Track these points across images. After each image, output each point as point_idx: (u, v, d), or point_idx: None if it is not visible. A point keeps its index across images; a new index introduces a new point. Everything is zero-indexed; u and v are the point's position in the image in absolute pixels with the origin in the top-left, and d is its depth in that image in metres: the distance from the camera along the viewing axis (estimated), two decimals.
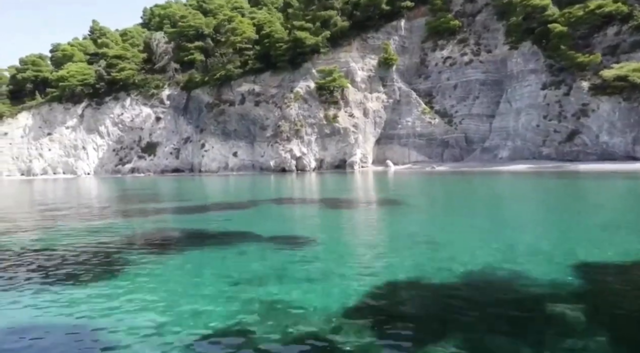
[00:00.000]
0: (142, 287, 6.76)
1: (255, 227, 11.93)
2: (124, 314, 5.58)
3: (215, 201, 21.20)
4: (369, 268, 7.44)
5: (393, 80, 61.30)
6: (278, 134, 61.19)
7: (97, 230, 12.15)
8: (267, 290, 6.34)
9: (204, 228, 12.29)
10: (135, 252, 9.18)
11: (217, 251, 9.18)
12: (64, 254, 9.11)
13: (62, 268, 7.89)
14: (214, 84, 67.81)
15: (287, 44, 61.67)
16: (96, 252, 9.25)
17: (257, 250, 9.15)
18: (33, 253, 9.43)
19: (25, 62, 77.58)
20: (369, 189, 26.23)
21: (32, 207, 20.30)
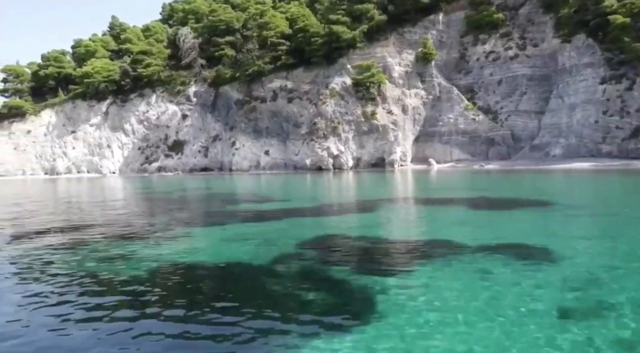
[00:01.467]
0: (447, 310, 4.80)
1: (446, 234, 9.98)
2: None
3: (325, 202, 19.05)
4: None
5: (432, 75, 59.26)
6: (314, 131, 59.21)
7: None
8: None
9: (399, 237, 10.34)
10: (395, 264, 7.25)
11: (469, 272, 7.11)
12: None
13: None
14: (244, 80, 65.81)
15: (323, 39, 59.67)
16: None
17: (508, 270, 7.02)
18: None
19: (47, 58, 75.68)
20: (459, 188, 24.17)
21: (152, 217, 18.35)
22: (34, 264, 8.14)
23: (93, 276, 7.18)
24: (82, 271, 7.48)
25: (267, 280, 6.78)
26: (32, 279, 7.15)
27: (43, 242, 10.28)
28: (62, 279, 7.01)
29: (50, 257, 8.65)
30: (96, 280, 6.98)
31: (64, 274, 7.31)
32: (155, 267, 7.69)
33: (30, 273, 7.58)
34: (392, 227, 11.78)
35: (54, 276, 7.23)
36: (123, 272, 7.36)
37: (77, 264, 7.97)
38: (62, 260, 8.36)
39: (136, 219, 14.70)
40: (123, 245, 9.68)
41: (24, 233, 11.89)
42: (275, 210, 16.18)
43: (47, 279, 7.03)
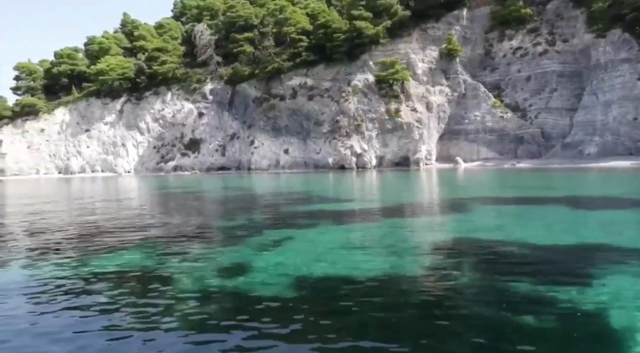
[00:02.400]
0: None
1: (593, 236, 8.64)
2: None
3: (403, 202, 17.61)
4: None
5: (457, 72, 57.93)
6: (336, 129, 57.90)
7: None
8: None
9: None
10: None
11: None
12: None
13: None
14: (263, 77, 64.50)
15: (345, 35, 58.34)
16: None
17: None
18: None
19: (60, 55, 74.40)
20: (519, 186, 22.73)
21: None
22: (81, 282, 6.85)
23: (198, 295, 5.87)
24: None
25: (428, 300, 5.33)
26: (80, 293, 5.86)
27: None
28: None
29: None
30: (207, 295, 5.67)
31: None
32: (275, 280, 6.34)
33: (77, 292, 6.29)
34: (516, 229, 10.43)
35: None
36: (244, 287, 6.05)
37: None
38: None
39: (216, 222, 13.37)
40: (234, 256, 8.37)
41: (58, 242, 10.59)
42: (355, 211, 14.86)
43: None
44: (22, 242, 10.15)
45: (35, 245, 9.56)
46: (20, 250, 9.01)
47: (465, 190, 22.79)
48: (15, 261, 8.08)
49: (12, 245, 9.74)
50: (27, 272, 7.22)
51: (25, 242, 10.11)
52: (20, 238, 10.70)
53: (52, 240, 10.03)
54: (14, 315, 5.21)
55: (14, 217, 15.59)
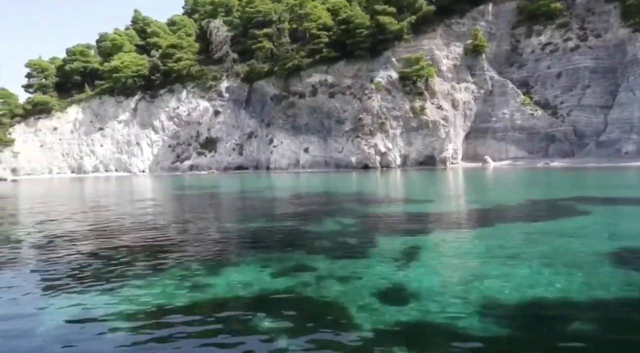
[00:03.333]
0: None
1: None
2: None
3: (499, 202, 16.00)
4: None
5: (483, 69, 56.34)
6: (359, 127, 56.32)
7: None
8: None
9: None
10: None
11: None
12: None
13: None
14: (281, 74, 62.93)
15: (368, 30, 56.73)
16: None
17: None
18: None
19: (72, 52, 72.84)
20: (578, 186, 21.14)
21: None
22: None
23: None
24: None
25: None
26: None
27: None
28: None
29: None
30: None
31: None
32: (454, 309, 4.84)
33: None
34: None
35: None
36: (420, 319, 4.55)
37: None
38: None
39: (305, 226, 11.80)
40: (366, 269, 6.83)
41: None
42: (451, 213, 13.29)
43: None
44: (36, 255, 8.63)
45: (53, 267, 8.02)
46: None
47: (544, 189, 21.16)
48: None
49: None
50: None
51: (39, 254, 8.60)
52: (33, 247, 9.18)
53: (78, 262, 8.48)
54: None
55: (32, 222, 14.07)
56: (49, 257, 8.28)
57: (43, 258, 8.24)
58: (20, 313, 5.22)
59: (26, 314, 5.16)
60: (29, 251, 9.08)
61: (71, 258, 8.06)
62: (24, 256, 8.63)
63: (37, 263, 7.81)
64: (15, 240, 10.40)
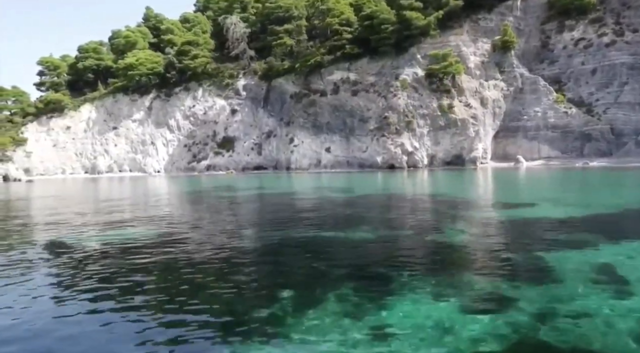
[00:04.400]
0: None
1: None
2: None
3: (604, 205, 14.28)
4: None
5: (512, 65, 54.51)
6: (384, 126, 54.53)
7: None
8: None
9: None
10: None
11: None
12: None
13: None
14: (301, 72, 61.14)
15: (394, 26, 54.91)
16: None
17: None
18: None
19: (85, 49, 71.08)
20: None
21: None
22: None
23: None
24: None
25: None
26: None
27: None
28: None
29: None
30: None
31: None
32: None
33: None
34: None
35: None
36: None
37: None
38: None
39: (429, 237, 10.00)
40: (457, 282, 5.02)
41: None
42: (589, 220, 11.45)
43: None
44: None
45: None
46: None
47: (633, 190, 19.31)
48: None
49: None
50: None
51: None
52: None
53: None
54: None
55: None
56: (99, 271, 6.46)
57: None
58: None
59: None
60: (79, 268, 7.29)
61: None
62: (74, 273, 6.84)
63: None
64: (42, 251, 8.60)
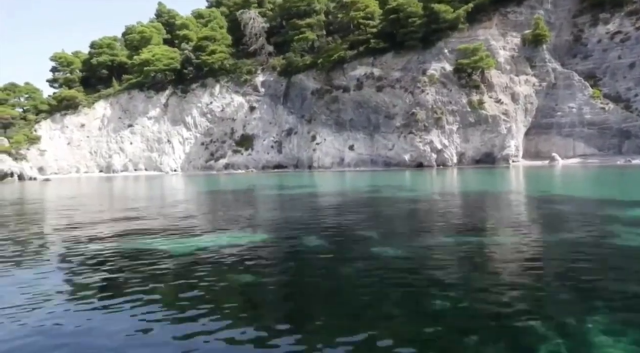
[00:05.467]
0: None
1: None
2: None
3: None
4: None
5: (545, 60, 52.64)
6: (412, 123, 52.73)
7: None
8: None
9: None
10: None
11: None
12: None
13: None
14: (323, 67, 59.35)
15: (421, 20, 53.12)
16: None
17: None
18: None
19: (99, 45, 69.34)
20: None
21: None
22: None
23: None
24: None
25: None
26: None
27: None
28: None
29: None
30: None
31: None
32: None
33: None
34: None
35: None
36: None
37: None
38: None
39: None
40: None
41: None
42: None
43: None
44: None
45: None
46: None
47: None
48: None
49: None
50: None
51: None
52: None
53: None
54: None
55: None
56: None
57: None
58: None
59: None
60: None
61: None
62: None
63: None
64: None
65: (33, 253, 7.98)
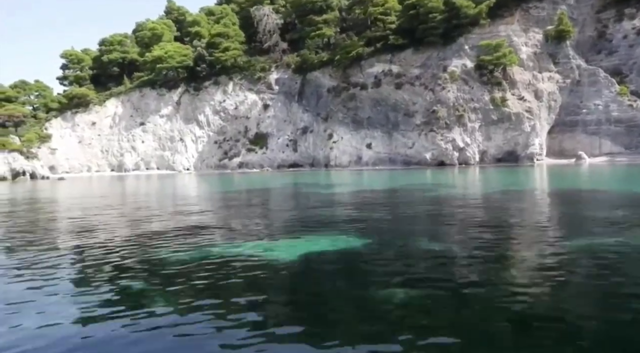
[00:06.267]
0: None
1: None
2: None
3: None
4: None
5: (568, 56, 51.47)
6: (432, 121, 51.56)
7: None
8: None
9: None
10: None
11: None
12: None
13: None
14: (339, 65, 58.19)
15: (442, 15, 51.97)
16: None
17: None
18: None
19: (110, 42, 68.15)
20: None
21: None
22: None
23: None
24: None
25: None
26: None
27: None
28: None
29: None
30: None
31: None
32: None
33: None
34: None
35: None
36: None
37: None
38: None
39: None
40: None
41: None
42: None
43: None
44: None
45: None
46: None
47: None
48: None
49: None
50: None
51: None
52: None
53: None
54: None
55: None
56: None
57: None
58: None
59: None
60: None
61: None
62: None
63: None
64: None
65: (91, 262, 6.85)
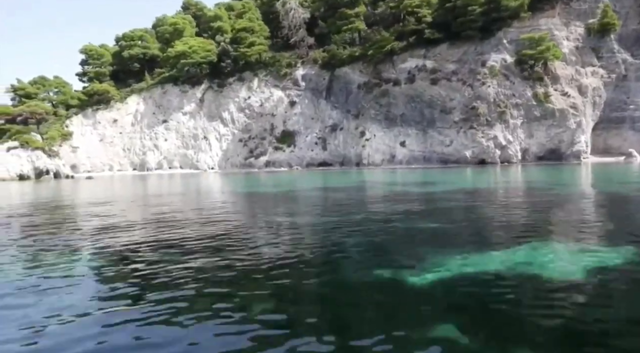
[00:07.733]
0: None
1: None
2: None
3: None
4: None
5: (613, 51, 49.65)
6: (472, 117, 49.64)
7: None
8: None
9: None
10: None
11: None
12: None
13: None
14: (370, 60, 56.28)
15: (482, 8, 50.06)
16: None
17: None
18: None
19: (130, 37, 66.12)
20: None
21: None
22: None
23: None
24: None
25: None
26: None
27: None
28: None
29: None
30: None
31: None
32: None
33: None
34: None
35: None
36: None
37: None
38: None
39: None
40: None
41: None
42: None
43: None
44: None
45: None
46: None
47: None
48: None
49: None
50: None
51: None
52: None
53: None
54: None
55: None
56: None
57: None
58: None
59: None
60: None
61: None
62: None
63: None
64: None
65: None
